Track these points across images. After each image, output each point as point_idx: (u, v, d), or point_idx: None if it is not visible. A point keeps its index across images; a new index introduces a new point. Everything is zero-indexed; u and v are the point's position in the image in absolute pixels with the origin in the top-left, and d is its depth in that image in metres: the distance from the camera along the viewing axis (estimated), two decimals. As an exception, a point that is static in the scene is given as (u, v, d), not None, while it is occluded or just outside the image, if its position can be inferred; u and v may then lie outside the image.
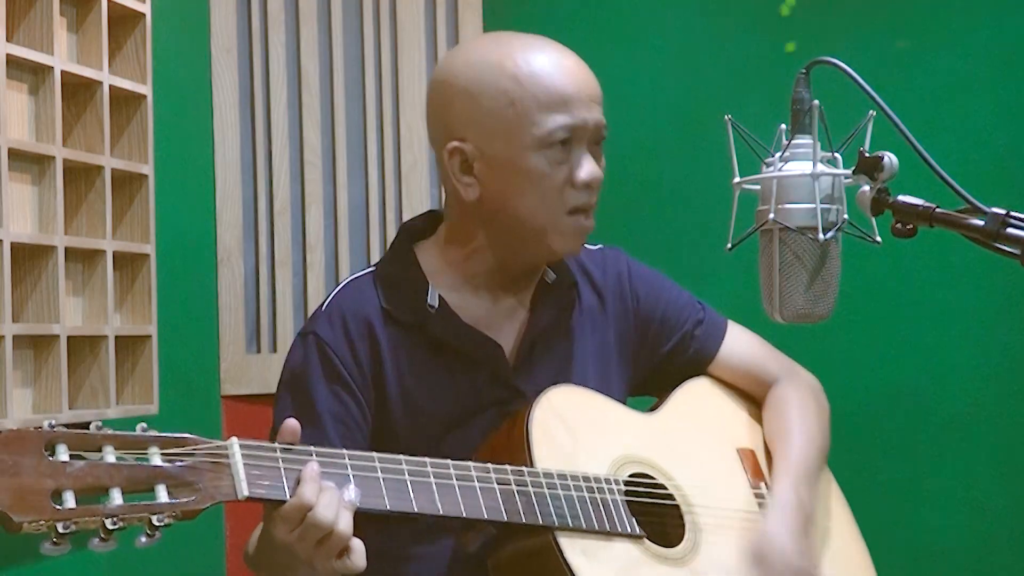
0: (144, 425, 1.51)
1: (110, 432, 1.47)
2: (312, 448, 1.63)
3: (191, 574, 2.90)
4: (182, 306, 2.90)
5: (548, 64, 1.86)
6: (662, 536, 1.87)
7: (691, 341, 2.09)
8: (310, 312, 3.12)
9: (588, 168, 1.86)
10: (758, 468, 2.04)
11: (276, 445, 1.60)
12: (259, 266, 3.13)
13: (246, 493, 1.54)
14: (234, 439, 1.56)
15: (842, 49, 2.92)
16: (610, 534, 1.80)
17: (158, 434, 1.51)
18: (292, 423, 1.63)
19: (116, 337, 2.58)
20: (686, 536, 1.88)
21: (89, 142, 2.55)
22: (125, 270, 2.67)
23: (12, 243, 2.32)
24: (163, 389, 2.72)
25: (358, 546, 1.62)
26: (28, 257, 2.41)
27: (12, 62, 2.35)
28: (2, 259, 2.28)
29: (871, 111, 1.59)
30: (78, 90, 2.55)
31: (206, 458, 1.53)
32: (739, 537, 1.92)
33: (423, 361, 1.90)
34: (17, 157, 2.37)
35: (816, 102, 1.63)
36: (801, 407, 2.09)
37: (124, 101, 2.65)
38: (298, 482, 1.59)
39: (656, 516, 1.89)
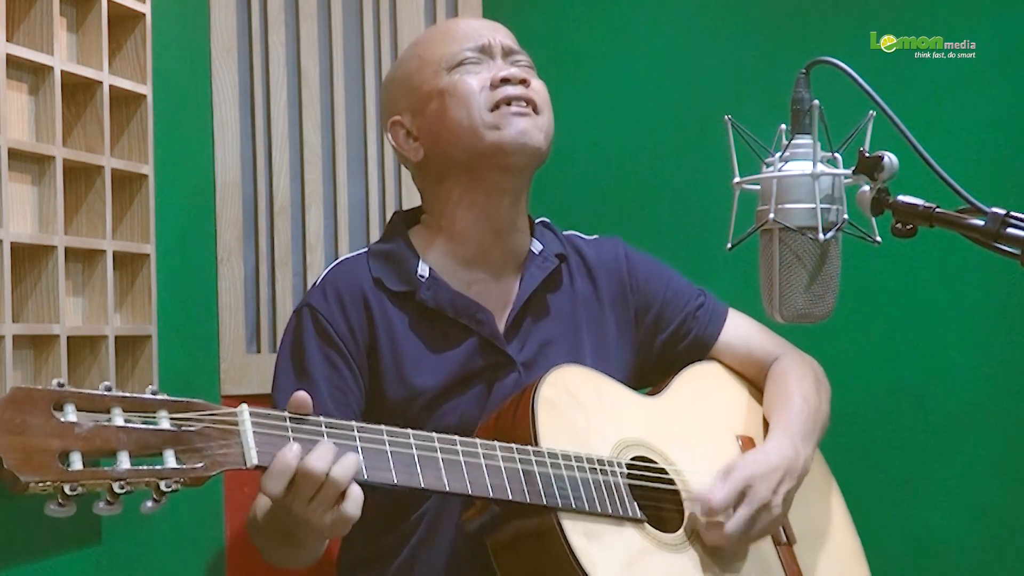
0: (154, 388, 1.49)
1: (119, 393, 1.46)
2: (322, 419, 1.61)
3: (190, 561, 2.89)
4: (182, 306, 2.90)
5: (445, 21, 2.13)
6: (660, 521, 1.88)
7: (693, 324, 2.11)
8: (310, 312, 3.13)
9: (504, 69, 1.98)
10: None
11: (285, 414, 1.58)
12: (259, 266, 3.13)
13: (255, 461, 1.52)
14: (244, 406, 1.54)
15: (841, 49, 2.94)
16: (612, 517, 1.80)
17: (167, 397, 1.48)
18: (303, 395, 1.62)
19: (116, 337, 2.58)
20: (685, 522, 1.89)
21: (89, 142, 2.55)
22: (125, 270, 2.67)
23: (12, 243, 2.32)
24: (163, 389, 2.68)
25: (355, 493, 1.58)
26: (28, 257, 2.40)
27: (12, 62, 2.35)
28: (2, 259, 2.28)
29: (871, 111, 1.60)
30: (78, 90, 2.55)
31: (215, 424, 1.51)
32: None
33: (415, 329, 1.94)
34: (17, 157, 2.37)
35: (816, 102, 1.63)
36: (799, 378, 2.11)
37: (124, 101, 2.65)
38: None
39: (655, 500, 1.90)
